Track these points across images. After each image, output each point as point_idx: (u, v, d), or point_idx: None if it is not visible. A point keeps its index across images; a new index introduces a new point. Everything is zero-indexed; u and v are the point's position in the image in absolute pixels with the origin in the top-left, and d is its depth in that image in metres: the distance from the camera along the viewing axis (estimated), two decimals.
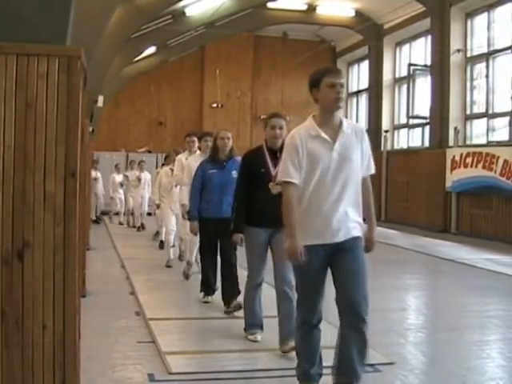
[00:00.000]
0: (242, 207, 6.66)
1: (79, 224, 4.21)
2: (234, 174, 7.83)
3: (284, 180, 4.98)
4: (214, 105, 29.15)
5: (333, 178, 4.89)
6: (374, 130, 26.04)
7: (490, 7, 20.12)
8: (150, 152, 26.66)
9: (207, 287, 8.86)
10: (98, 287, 9.61)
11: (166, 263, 12.12)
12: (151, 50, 23.62)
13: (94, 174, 21.15)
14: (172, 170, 12.10)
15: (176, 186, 11.59)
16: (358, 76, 29.77)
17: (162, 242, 14.69)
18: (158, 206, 14.08)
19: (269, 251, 6.71)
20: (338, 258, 4.97)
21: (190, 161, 9.77)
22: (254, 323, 6.94)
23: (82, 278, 8.23)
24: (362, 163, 5.06)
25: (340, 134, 4.97)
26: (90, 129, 14.80)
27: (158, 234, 15.98)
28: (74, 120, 4.10)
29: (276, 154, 6.40)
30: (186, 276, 10.60)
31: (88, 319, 6.24)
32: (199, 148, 10.29)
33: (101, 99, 16.89)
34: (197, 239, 9.37)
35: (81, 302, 4.53)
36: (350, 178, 4.96)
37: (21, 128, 4.00)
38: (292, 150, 4.96)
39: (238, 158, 7.86)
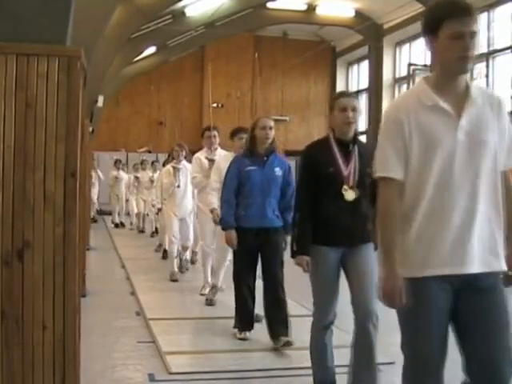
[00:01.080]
0: (307, 220, 4.92)
1: (79, 224, 4.21)
2: (278, 171, 6.67)
3: (382, 175, 3.30)
4: (214, 105, 29.14)
5: (461, 172, 3.17)
6: (374, 130, 26.03)
7: (489, 7, 20.12)
8: (149, 152, 26.67)
9: (246, 319, 6.85)
10: (99, 287, 9.61)
11: (171, 277, 10.56)
12: (151, 50, 23.64)
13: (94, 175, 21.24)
14: (175, 167, 10.97)
15: (195, 188, 9.66)
16: (358, 76, 29.79)
17: (165, 251, 12.57)
18: (160, 211, 12.56)
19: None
20: (470, 304, 3.22)
21: (220, 160, 8.13)
22: (325, 381, 5.21)
23: (82, 277, 8.23)
24: (500, 150, 3.26)
25: (467, 105, 3.21)
26: (90, 129, 14.78)
27: (160, 245, 14.00)
28: (74, 120, 4.10)
29: (347, 147, 4.93)
30: (210, 302, 8.56)
31: (88, 319, 6.24)
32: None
33: (101, 99, 16.90)
34: (226, 255, 8.06)
35: (81, 301, 4.53)
36: (487, 173, 3.22)
37: (21, 128, 4.00)
38: (393, 128, 3.30)
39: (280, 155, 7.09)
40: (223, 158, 8.17)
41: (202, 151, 9.26)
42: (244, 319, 6.79)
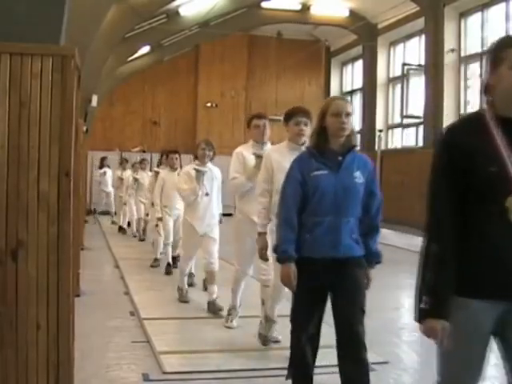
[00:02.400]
0: (451, 256, 3.00)
1: (73, 223, 4.21)
2: (359, 177, 4.69)
3: None
4: (209, 104, 29.13)
5: None
6: (368, 130, 26.09)
7: (483, 7, 20.15)
8: (144, 152, 26.64)
9: (301, 376, 4.93)
10: (93, 287, 9.60)
11: (180, 297, 8.97)
12: (145, 49, 23.62)
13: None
14: (198, 170, 8.45)
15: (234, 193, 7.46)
16: (352, 75, 29.79)
17: (169, 264, 11.35)
18: (161, 220, 11.53)
19: None
20: None
21: (277, 157, 6.05)
22: None
23: (76, 277, 8.22)
24: None
25: None
26: (84, 128, 14.76)
27: (156, 260, 12.19)
28: (68, 119, 4.09)
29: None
30: (265, 341, 6.74)
31: (82, 319, 6.23)
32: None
33: (95, 99, 16.89)
34: (283, 293, 6.20)
35: (75, 301, 4.52)
36: None
37: (14, 127, 3.99)
38: None
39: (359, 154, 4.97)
40: (275, 150, 6.32)
41: (246, 145, 7.45)
42: (299, 375, 4.92)
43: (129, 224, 18.48)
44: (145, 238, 16.16)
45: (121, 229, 18.53)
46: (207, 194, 8.46)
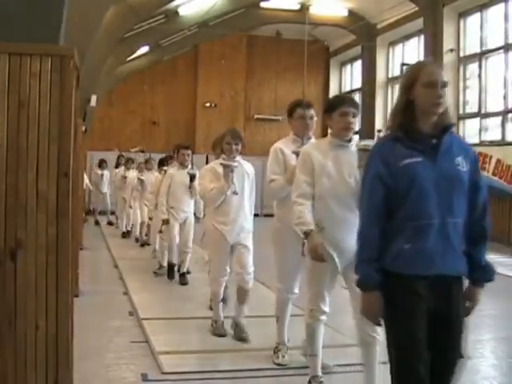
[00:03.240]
0: None
1: (72, 223, 4.21)
2: (462, 163, 3.60)
3: None
4: (208, 104, 29.12)
5: None
6: (367, 130, 26.08)
7: (482, 7, 20.14)
8: (143, 152, 26.62)
9: None
10: (92, 287, 9.59)
11: (215, 330, 7.19)
12: (144, 49, 23.60)
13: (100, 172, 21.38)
14: (226, 166, 6.88)
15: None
16: (351, 76, 29.79)
17: (184, 275, 10.34)
18: (167, 222, 10.47)
19: None
20: None
21: (318, 156, 5.07)
22: None
23: (75, 277, 8.22)
24: None
25: None
26: (83, 128, 14.75)
27: (161, 267, 11.26)
28: (67, 119, 4.09)
29: None
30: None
31: (81, 319, 6.22)
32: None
33: (94, 98, 16.86)
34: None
35: (74, 301, 4.52)
36: None
37: (13, 127, 3.99)
38: None
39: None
40: (315, 147, 5.28)
41: (285, 140, 6.22)
42: None
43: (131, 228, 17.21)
44: (147, 243, 14.98)
45: (124, 234, 17.22)
46: (236, 193, 6.94)
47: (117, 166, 19.28)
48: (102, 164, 21.40)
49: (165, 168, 11.91)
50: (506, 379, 6.29)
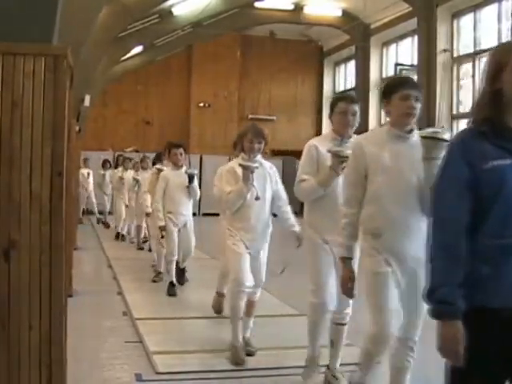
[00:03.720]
0: None
1: (66, 223, 4.20)
2: None
3: None
4: (202, 104, 29.12)
5: None
6: (361, 129, 26.06)
7: (475, 7, 20.22)
8: (137, 151, 26.62)
9: None
10: (86, 287, 9.58)
11: (234, 356, 6.14)
12: (138, 49, 23.59)
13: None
14: (246, 167, 6.08)
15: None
16: (345, 76, 29.83)
17: (173, 284, 9.45)
18: (164, 229, 9.54)
19: None
20: None
21: (373, 150, 4.36)
22: None
23: (68, 277, 8.21)
24: None
25: None
26: (77, 128, 14.73)
27: (160, 274, 10.57)
28: (61, 119, 4.08)
29: None
30: None
31: (75, 319, 6.22)
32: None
33: (87, 98, 16.84)
34: None
35: (68, 301, 4.51)
36: None
37: (7, 127, 3.98)
38: None
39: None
40: (370, 140, 4.56)
41: (322, 137, 5.81)
42: None
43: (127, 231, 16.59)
44: (143, 247, 14.34)
45: (118, 236, 16.54)
46: (258, 198, 6.14)
47: (116, 167, 18.64)
48: (105, 164, 20.83)
49: (158, 167, 10.86)
50: None
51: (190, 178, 9.33)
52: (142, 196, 12.64)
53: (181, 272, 9.97)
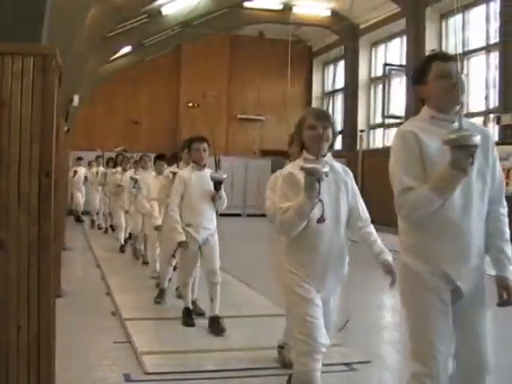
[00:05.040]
0: None
1: (54, 224, 4.19)
2: None
3: None
4: (190, 104, 29.10)
5: None
6: (350, 130, 26.17)
7: (464, 8, 20.27)
8: (125, 151, 26.52)
9: None
10: (74, 287, 9.55)
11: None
12: (127, 48, 23.55)
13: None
14: (311, 171, 4.10)
15: None
16: (334, 76, 29.85)
17: (189, 312, 7.70)
18: (186, 246, 7.31)
19: None
20: None
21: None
22: None
23: (57, 277, 8.18)
24: None
25: None
26: (66, 128, 14.69)
27: (162, 292, 8.94)
28: (49, 119, 4.07)
29: None
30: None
31: (63, 319, 6.20)
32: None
33: (76, 98, 16.81)
34: None
35: (56, 302, 4.50)
36: None
37: None
38: None
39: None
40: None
41: (418, 119, 3.83)
42: None
43: (128, 238, 14.50)
44: (143, 259, 12.38)
45: (123, 249, 14.27)
46: (321, 220, 4.19)
47: (115, 166, 16.94)
48: (108, 163, 19.38)
49: (174, 169, 8.67)
50: None
51: (217, 184, 7.23)
52: (142, 201, 11.12)
53: (213, 321, 7.32)
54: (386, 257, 4.41)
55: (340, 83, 28.62)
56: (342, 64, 28.38)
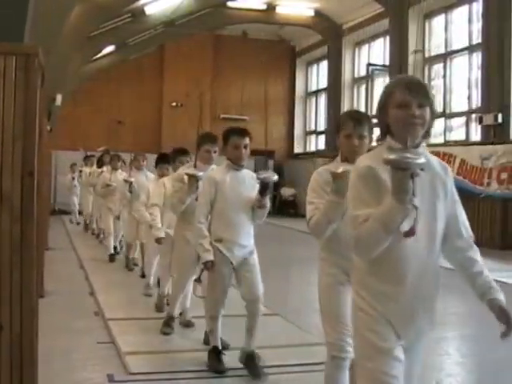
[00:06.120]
0: None
1: (37, 223, 4.17)
2: None
3: None
4: (174, 104, 29.06)
5: None
6: (333, 130, 26.20)
7: (447, 9, 20.39)
8: (108, 152, 26.41)
9: None
10: (57, 287, 9.53)
11: None
12: (110, 48, 23.49)
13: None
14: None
15: None
16: (318, 76, 29.91)
17: (219, 354, 6.04)
18: (212, 266, 5.80)
19: None
20: None
21: None
22: None
23: (40, 277, 8.15)
24: None
25: None
26: (48, 127, 14.63)
27: (170, 320, 7.30)
28: (32, 118, 4.06)
29: None
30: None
31: (46, 320, 6.19)
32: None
33: (59, 98, 16.75)
34: None
35: (39, 302, 4.49)
36: None
37: None
38: None
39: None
40: None
41: None
42: None
43: (115, 248, 13.31)
44: (133, 268, 11.43)
45: (113, 258, 12.76)
46: (410, 234, 2.99)
47: (101, 165, 15.97)
48: (98, 163, 18.14)
49: (192, 171, 6.45)
50: (470, 376, 6.37)
51: (266, 188, 5.73)
52: (140, 208, 9.43)
53: (250, 358, 5.90)
54: (496, 296, 3.17)
55: (323, 83, 28.68)
56: (325, 64, 28.43)
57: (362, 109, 24.94)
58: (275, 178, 5.69)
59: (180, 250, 6.93)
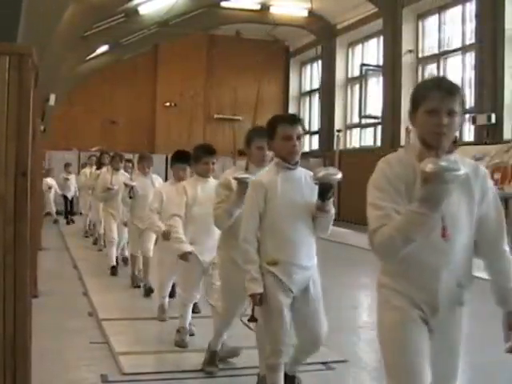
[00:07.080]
0: None
1: (31, 224, 4.17)
2: None
3: None
4: (168, 104, 29.05)
5: None
6: (327, 130, 26.25)
7: (440, 9, 20.42)
8: (102, 152, 26.39)
9: None
10: (51, 288, 9.51)
11: None
12: (104, 48, 23.47)
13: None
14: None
15: None
16: (311, 76, 29.92)
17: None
18: (257, 301, 4.53)
19: None
20: None
21: None
22: None
23: (33, 278, 8.14)
24: None
25: None
26: (42, 128, 14.60)
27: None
28: (25, 118, 4.05)
29: None
30: None
31: (40, 320, 6.18)
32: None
33: (53, 98, 16.73)
34: None
35: (32, 302, 4.49)
36: None
37: None
38: None
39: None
40: None
41: None
42: None
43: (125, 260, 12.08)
44: (145, 285, 9.50)
45: (115, 270, 11.30)
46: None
47: (99, 167, 14.64)
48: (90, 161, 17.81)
49: (242, 175, 5.23)
50: (463, 376, 6.37)
51: (327, 190, 4.61)
52: (153, 217, 7.99)
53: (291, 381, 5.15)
54: None
55: (317, 83, 28.70)
56: (319, 64, 28.45)
57: (356, 109, 25.01)
58: (338, 176, 4.55)
59: (227, 274, 5.58)
